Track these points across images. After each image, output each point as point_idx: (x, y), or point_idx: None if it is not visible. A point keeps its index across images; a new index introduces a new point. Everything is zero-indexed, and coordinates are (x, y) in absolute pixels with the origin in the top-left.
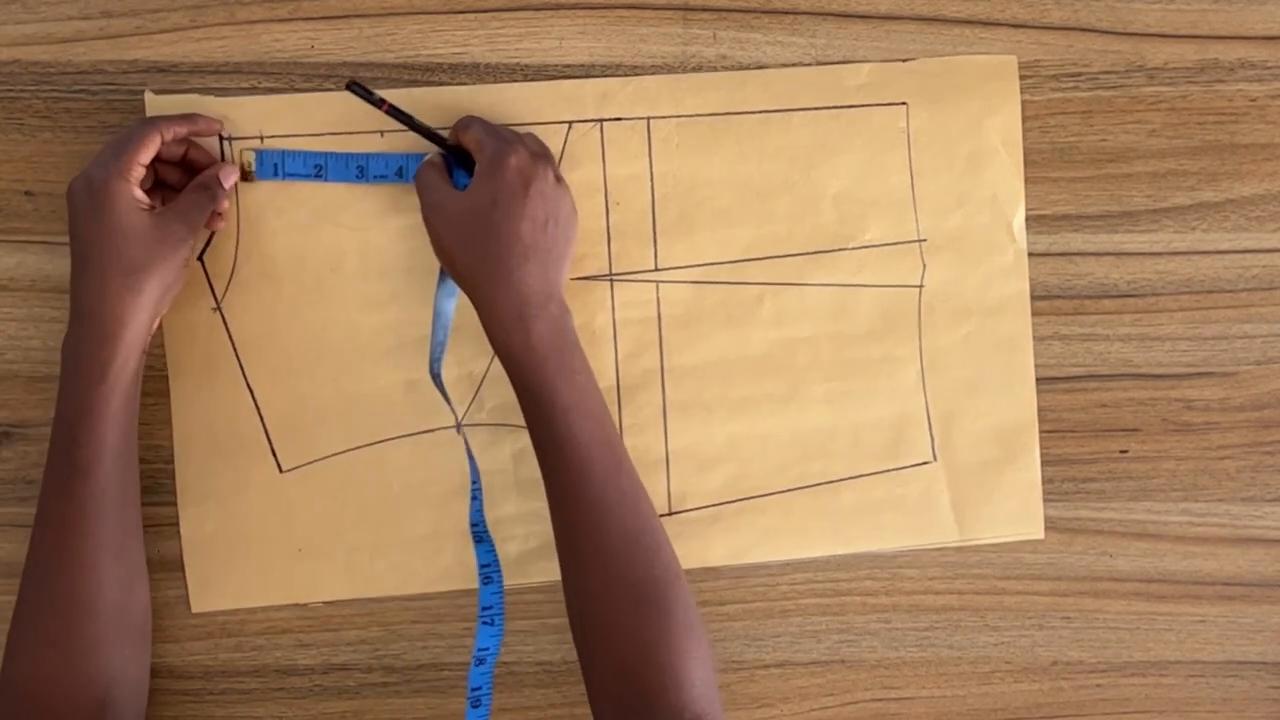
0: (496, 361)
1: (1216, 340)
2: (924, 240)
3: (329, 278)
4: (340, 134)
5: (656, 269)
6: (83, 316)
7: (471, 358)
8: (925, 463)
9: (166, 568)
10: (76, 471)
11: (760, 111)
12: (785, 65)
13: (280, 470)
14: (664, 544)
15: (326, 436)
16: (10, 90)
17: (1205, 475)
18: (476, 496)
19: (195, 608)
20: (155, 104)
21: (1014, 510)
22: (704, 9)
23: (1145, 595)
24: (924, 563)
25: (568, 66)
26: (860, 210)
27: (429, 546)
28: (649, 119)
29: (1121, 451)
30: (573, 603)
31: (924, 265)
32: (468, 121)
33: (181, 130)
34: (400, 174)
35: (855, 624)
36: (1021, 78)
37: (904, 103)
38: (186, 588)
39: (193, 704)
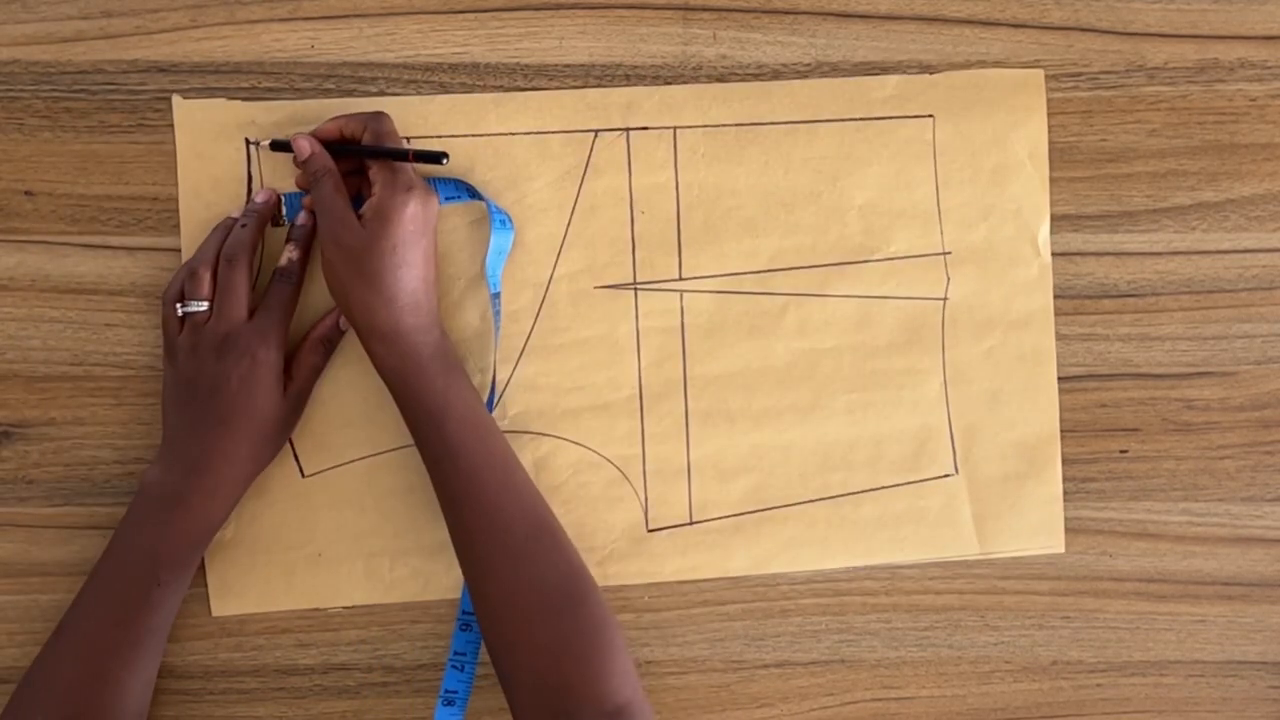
0: (519, 370)
1: (1216, 340)
2: (948, 253)
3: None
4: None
5: (681, 278)
6: (192, 468)
7: (492, 366)
8: (947, 475)
9: None
10: (149, 608)
11: (786, 122)
12: (785, 65)
13: (302, 474)
14: (564, 543)
15: (349, 441)
16: (10, 90)
17: (1205, 475)
18: (464, 667)
19: (215, 611)
20: (183, 107)
21: (1035, 523)
22: (704, 9)
23: (1145, 595)
24: (924, 563)
25: (568, 66)
26: (885, 222)
27: (449, 553)
28: (675, 128)
29: (1121, 451)
30: (482, 612)
31: (948, 278)
32: (383, 133)
33: (258, 232)
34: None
35: (855, 624)
36: None
37: (930, 115)
38: (207, 590)
39: (193, 704)
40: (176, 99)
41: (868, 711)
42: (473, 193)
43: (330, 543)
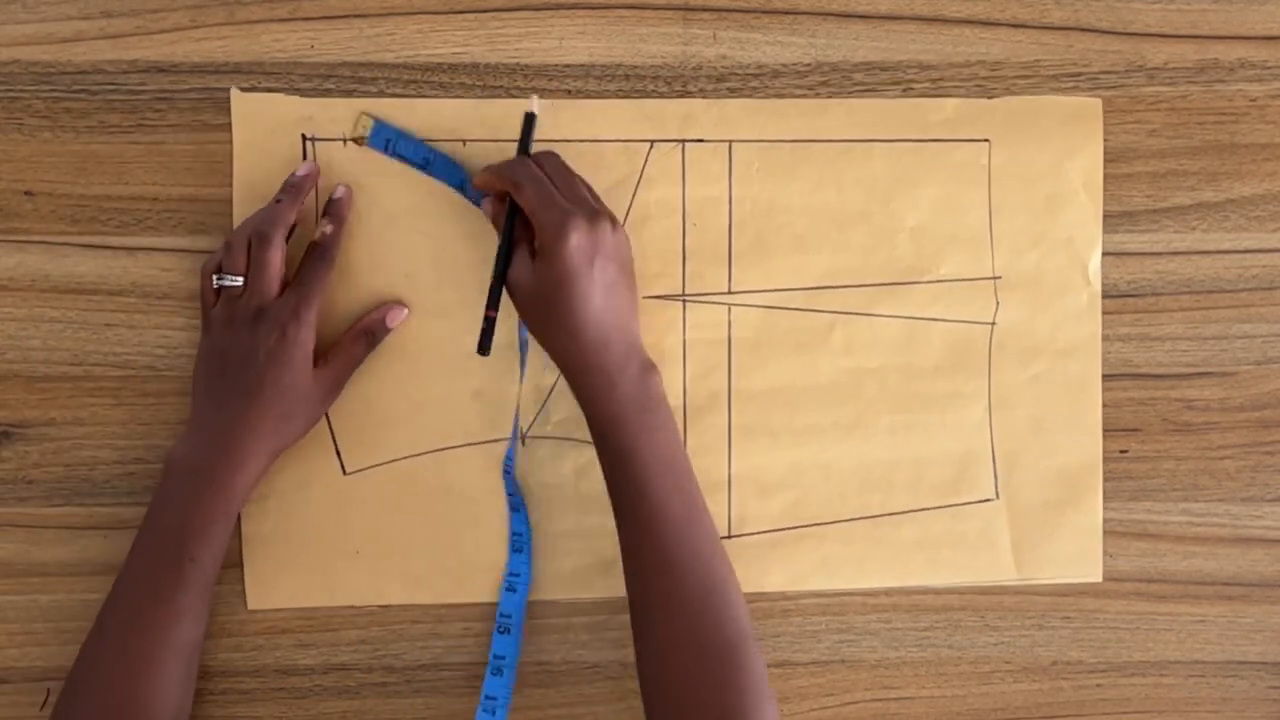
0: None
1: (1216, 340)
2: (999, 278)
3: (402, 283)
4: (423, 141)
5: (730, 291)
6: (217, 441)
7: (539, 371)
8: (987, 500)
9: None
10: (182, 584)
11: (842, 140)
12: (785, 65)
13: (344, 472)
14: (736, 603)
15: (391, 441)
16: (10, 90)
17: (1205, 475)
18: (516, 588)
19: (251, 605)
20: (241, 101)
21: (1073, 552)
22: (704, 9)
23: (1145, 595)
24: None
25: (568, 66)
26: (937, 244)
27: (487, 556)
28: (731, 142)
29: (1121, 451)
30: (643, 659)
31: (997, 303)
32: (517, 179)
33: (293, 208)
34: (463, 186)
35: (855, 624)
36: (1021, 77)
37: (986, 139)
38: (243, 585)
39: (193, 704)
40: (235, 91)
41: (868, 711)
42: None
43: (368, 541)
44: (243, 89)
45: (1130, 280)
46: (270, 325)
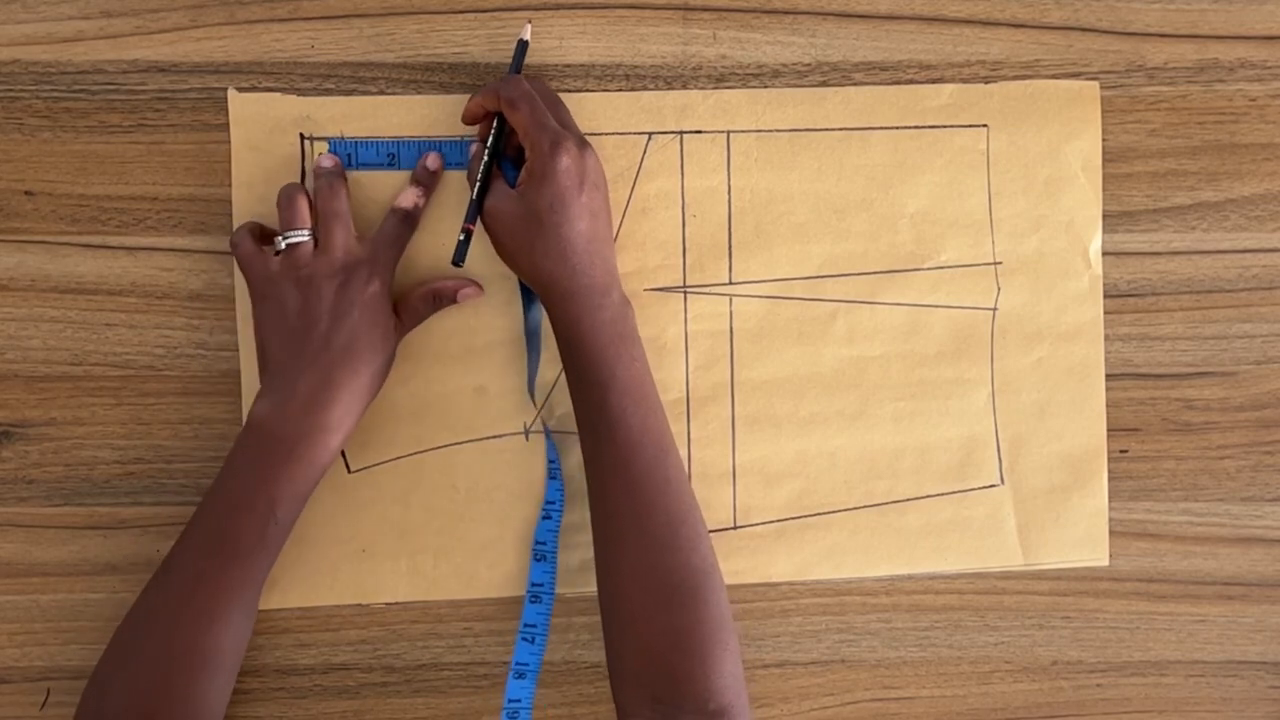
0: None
1: (1216, 340)
2: (999, 263)
3: (401, 279)
4: (419, 138)
5: (731, 282)
6: (310, 402)
7: (543, 365)
8: (993, 485)
9: None
10: (263, 545)
11: (840, 129)
12: (785, 65)
13: (349, 470)
14: (703, 535)
15: (395, 438)
16: (10, 90)
17: (1205, 475)
18: (551, 515)
19: (260, 605)
20: (238, 100)
21: (1080, 535)
22: (704, 9)
23: (1145, 595)
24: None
25: (568, 66)
26: (937, 231)
27: (493, 552)
28: (729, 132)
29: (1121, 451)
30: (606, 585)
31: (999, 288)
32: (512, 97)
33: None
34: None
35: (855, 624)
36: (1021, 78)
37: (984, 125)
38: None
39: None
40: (232, 92)
41: (868, 711)
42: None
43: (375, 539)
44: (243, 89)
45: (1130, 280)
46: (362, 282)
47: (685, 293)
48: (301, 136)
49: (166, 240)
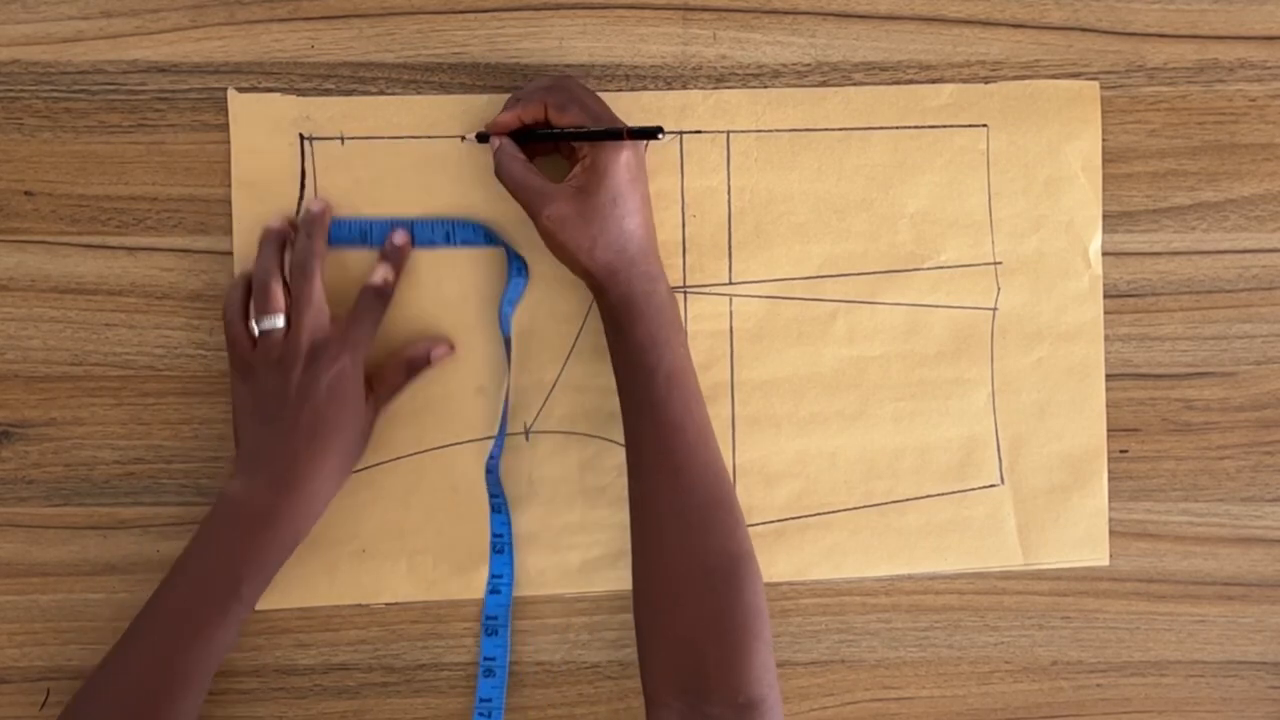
0: (567, 370)
1: (1216, 340)
2: (999, 263)
3: (401, 279)
4: (420, 138)
5: (730, 282)
6: (278, 481)
7: (542, 365)
8: (992, 485)
9: (167, 567)
10: (224, 620)
11: (840, 129)
12: (785, 65)
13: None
14: (741, 523)
15: (395, 439)
16: (10, 90)
17: (1205, 475)
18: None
19: (259, 606)
20: (238, 101)
21: (1080, 535)
22: (704, 9)
23: (1145, 595)
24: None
25: (568, 66)
26: (937, 231)
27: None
28: (729, 132)
29: (1121, 451)
30: (641, 568)
31: (999, 288)
32: (564, 104)
33: (323, 240)
34: (448, 238)
35: (855, 624)
36: (1021, 78)
37: (984, 125)
38: None
39: None
40: (232, 93)
41: (868, 712)
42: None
43: (374, 539)
44: (243, 89)
45: (1130, 280)
46: (329, 360)
47: (685, 293)
48: (301, 137)
49: (166, 240)
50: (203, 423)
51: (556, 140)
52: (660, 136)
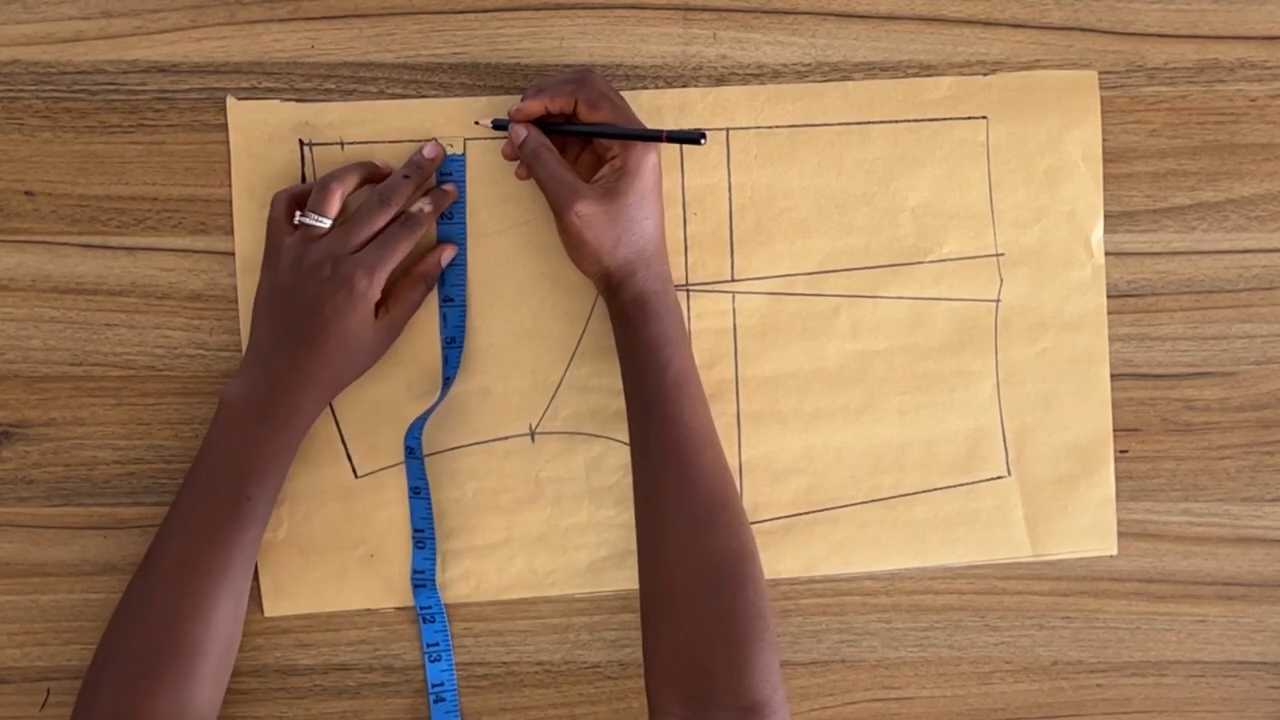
0: (571, 370)
1: (1216, 340)
2: (1001, 254)
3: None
4: (418, 141)
5: (733, 279)
6: (276, 382)
7: (547, 366)
8: (999, 477)
9: None
10: (239, 522)
11: (839, 124)
12: (785, 65)
13: (355, 475)
14: (745, 523)
15: (401, 443)
16: (10, 90)
17: (1205, 475)
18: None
19: (268, 611)
20: (237, 108)
21: (1087, 526)
22: (704, 9)
23: (1145, 595)
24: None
25: (568, 67)
26: (939, 223)
27: (501, 554)
28: (728, 130)
29: (1121, 451)
30: (647, 567)
31: (1001, 279)
32: (596, 100)
33: (417, 186)
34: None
35: (855, 624)
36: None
37: (984, 116)
38: (258, 591)
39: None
40: (231, 100)
41: (868, 712)
42: None
43: (383, 544)
44: (243, 89)
45: (1130, 280)
46: (341, 279)
47: (688, 291)
48: (301, 142)
49: (166, 240)
50: (203, 423)
51: (589, 136)
52: (702, 142)
